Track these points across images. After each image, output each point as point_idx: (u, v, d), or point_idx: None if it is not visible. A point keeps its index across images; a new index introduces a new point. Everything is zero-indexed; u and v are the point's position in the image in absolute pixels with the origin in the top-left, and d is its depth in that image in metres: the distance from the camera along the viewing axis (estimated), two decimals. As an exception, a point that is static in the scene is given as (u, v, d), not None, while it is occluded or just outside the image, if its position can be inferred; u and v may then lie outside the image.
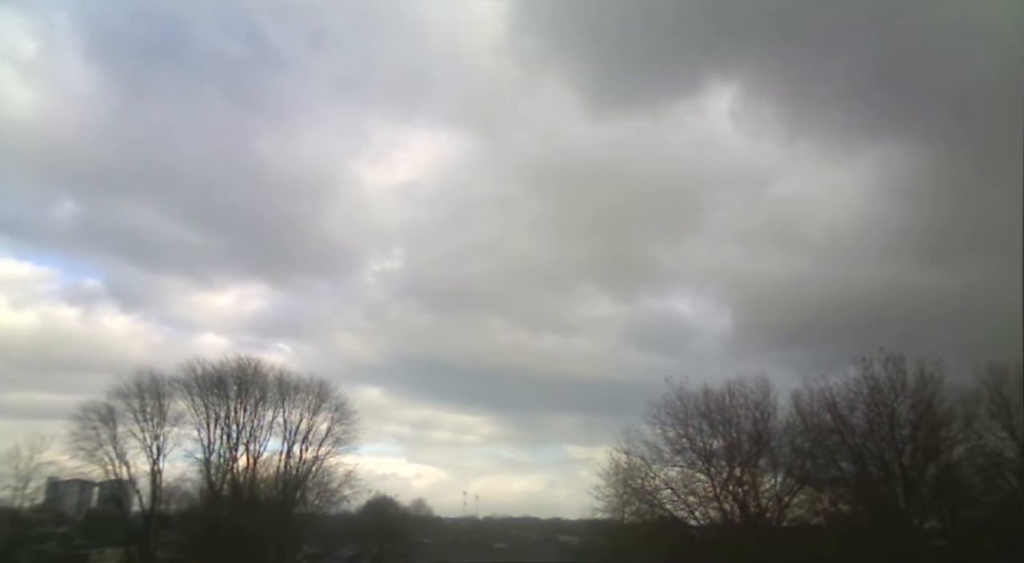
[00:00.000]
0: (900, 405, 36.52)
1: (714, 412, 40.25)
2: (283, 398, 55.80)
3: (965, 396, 36.09)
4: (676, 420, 40.43)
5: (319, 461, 56.16)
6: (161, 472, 52.40)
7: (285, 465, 55.47)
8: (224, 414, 54.11)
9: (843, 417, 37.84)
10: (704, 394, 40.66)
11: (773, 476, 39.97)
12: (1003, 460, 35.81)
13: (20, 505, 54.56)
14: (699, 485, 40.30)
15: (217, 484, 53.98)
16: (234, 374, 55.09)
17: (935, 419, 36.23)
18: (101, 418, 51.11)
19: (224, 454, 53.94)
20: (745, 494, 39.28)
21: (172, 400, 53.05)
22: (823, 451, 38.46)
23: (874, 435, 36.97)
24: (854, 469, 37.86)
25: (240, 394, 54.74)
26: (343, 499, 58.29)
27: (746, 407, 39.93)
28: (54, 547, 61.29)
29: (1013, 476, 35.81)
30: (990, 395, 35.71)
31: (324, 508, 58.60)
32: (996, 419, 35.56)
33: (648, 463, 41.24)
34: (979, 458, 36.32)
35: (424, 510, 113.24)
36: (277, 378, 56.33)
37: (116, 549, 55.70)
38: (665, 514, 41.25)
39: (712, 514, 40.25)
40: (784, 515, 39.21)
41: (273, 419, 55.38)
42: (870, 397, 37.01)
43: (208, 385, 54.24)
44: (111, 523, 57.54)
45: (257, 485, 55.19)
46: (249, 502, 53.64)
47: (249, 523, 50.81)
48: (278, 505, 54.72)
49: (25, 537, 56.75)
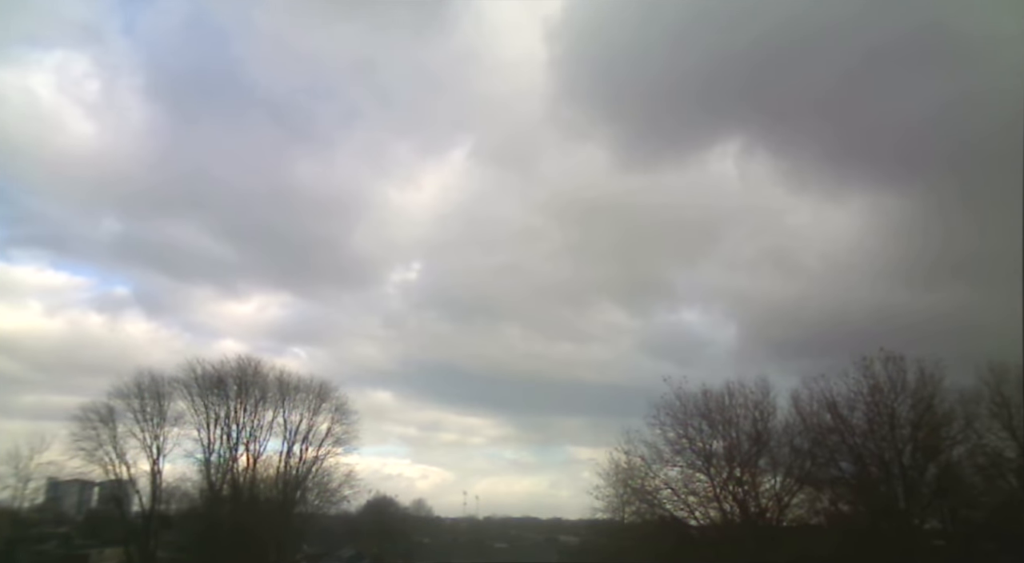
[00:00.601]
0: (900, 405, 36.46)
1: (714, 412, 40.16)
2: (283, 398, 55.90)
3: (965, 396, 36.05)
4: (676, 420, 40.34)
5: (319, 461, 56.26)
6: (161, 472, 52.55)
7: (285, 465, 55.54)
8: (224, 414, 54.17)
9: (843, 417, 37.78)
10: (704, 394, 40.55)
11: (773, 476, 39.96)
12: (1003, 460, 35.76)
13: (20, 505, 54.61)
14: (699, 485, 40.25)
15: (217, 484, 53.99)
16: (234, 374, 55.15)
17: (935, 419, 36.17)
18: (101, 418, 51.18)
19: (224, 454, 54.05)
20: (745, 494, 39.25)
21: (172, 400, 53.16)
22: (823, 451, 38.41)
23: (874, 435, 36.92)
24: (854, 469, 37.81)
25: (240, 394, 54.77)
26: (343, 499, 58.45)
27: (746, 407, 39.87)
28: (54, 547, 61.25)
29: (1013, 476, 35.78)
30: (990, 395, 35.67)
31: (324, 508, 58.74)
32: (996, 419, 35.52)
33: (648, 463, 41.22)
34: (979, 458, 36.27)
35: (424, 510, 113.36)
36: (277, 378, 56.47)
37: (116, 549, 55.66)
38: (665, 514, 41.20)
39: (712, 514, 40.23)
40: (784, 515, 39.17)
41: (273, 419, 55.54)
42: (870, 397, 36.95)
43: (208, 385, 54.29)
44: (111, 523, 57.52)
45: (257, 485, 55.20)
46: (249, 502, 53.65)
47: (249, 523, 50.83)
48: (278, 505, 54.74)
49: (25, 537, 56.74)
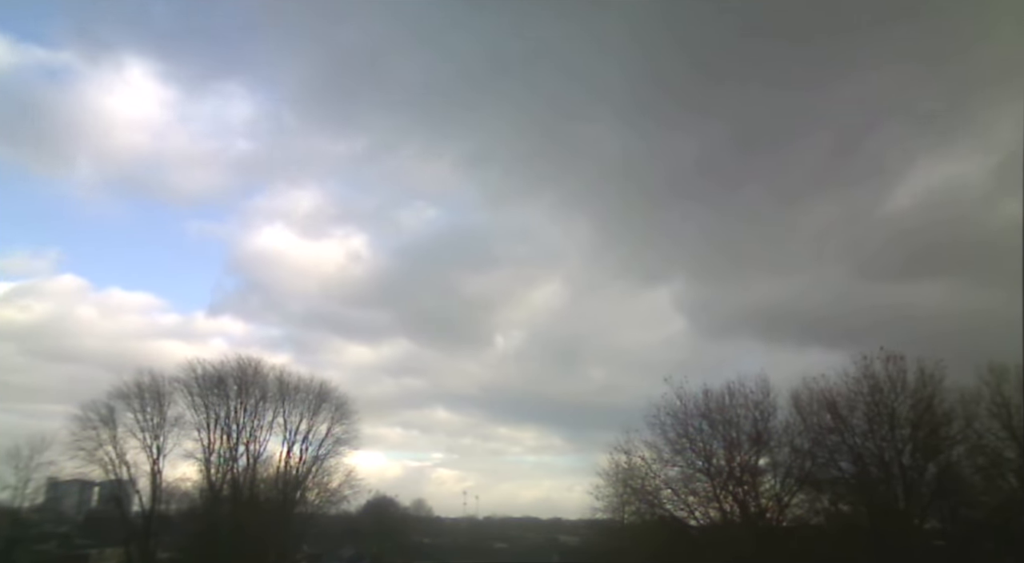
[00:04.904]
0: (900, 405, 36.32)
1: (714, 412, 40.06)
2: (283, 398, 55.87)
3: (965, 396, 35.88)
4: (676, 420, 40.25)
5: (319, 461, 56.29)
6: (161, 472, 52.54)
7: (285, 465, 55.55)
8: (224, 414, 54.11)
9: (843, 417, 37.66)
10: (704, 394, 40.35)
11: (773, 476, 39.91)
12: (1003, 460, 35.65)
13: (20, 505, 54.66)
14: (699, 485, 40.18)
15: (217, 484, 53.97)
16: (234, 374, 55.10)
17: (935, 419, 36.07)
18: (101, 418, 51.23)
19: (224, 454, 53.97)
20: (745, 494, 39.21)
21: (172, 400, 53.16)
22: (823, 451, 38.34)
23: (874, 435, 36.84)
24: (854, 469, 37.72)
25: (240, 394, 54.72)
26: (343, 499, 58.48)
27: (746, 407, 39.70)
28: (54, 547, 61.40)
29: (1013, 476, 35.70)
30: (990, 395, 35.56)
31: (324, 508, 58.73)
32: (996, 419, 35.38)
33: (648, 463, 41.17)
34: (979, 458, 36.16)
35: (424, 510, 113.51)
36: (277, 378, 56.43)
37: (116, 549, 55.78)
38: (665, 514, 41.18)
39: (712, 514, 40.17)
40: (784, 515, 39.12)
41: (273, 419, 55.51)
42: (870, 397, 36.84)
43: (208, 385, 54.26)
44: (111, 523, 57.47)
45: (257, 485, 55.19)
46: (249, 502, 53.62)
47: (249, 523, 50.82)
48: (278, 505, 54.74)
49: (25, 537, 56.79)
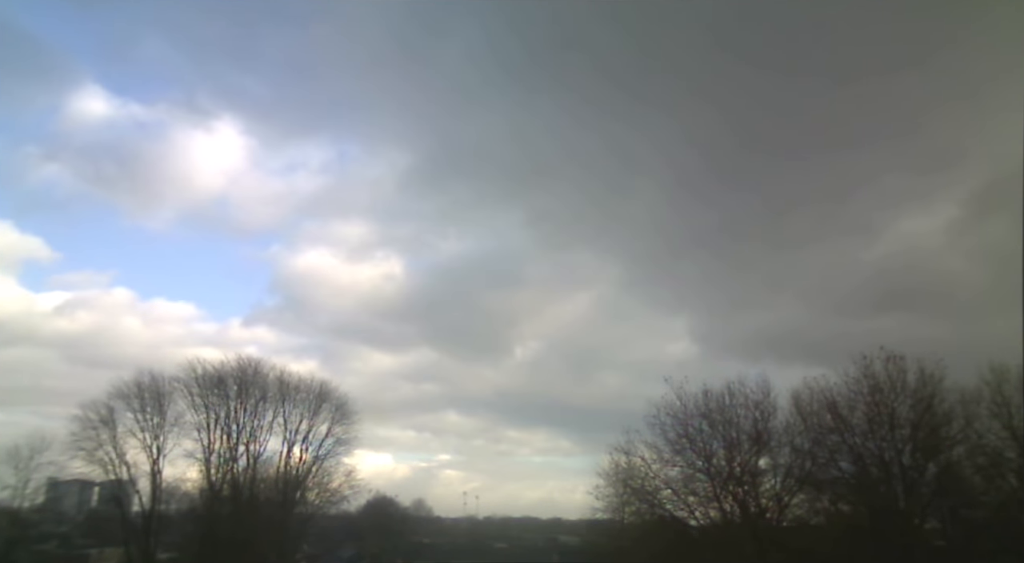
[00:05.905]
0: (900, 405, 36.34)
1: (714, 412, 40.06)
2: (283, 398, 55.90)
3: (965, 396, 35.91)
4: (676, 420, 40.28)
5: (319, 461, 56.30)
6: (161, 472, 52.49)
7: (285, 465, 55.55)
8: (224, 414, 54.11)
9: (843, 417, 37.68)
10: (704, 394, 40.37)
11: (773, 476, 39.94)
12: (1003, 460, 35.63)
13: (20, 505, 54.55)
14: (699, 485, 40.17)
15: (217, 484, 53.93)
16: (234, 374, 55.12)
17: (935, 419, 36.08)
18: (101, 418, 51.22)
19: (224, 454, 53.96)
20: (745, 494, 39.20)
21: (172, 400, 53.15)
22: (823, 451, 38.34)
23: (874, 435, 36.85)
24: (854, 469, 37.73)
25: (240, 394, 54.73)
26: (343, 499, 58.48)
27: (746, 407, 39.74)
28: (54, 547, 61.40)
29: (1013, 476, 35.67)
30: (990, 395, 35.60)
31: (324, 508, 58.72)
32: (996, 419, 35.40)
33: (648, 463, 41.18)
34: (979, 458, 36.16)
35: (424, 510, 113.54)
36: (277, 378, 56.44)
37: (116, 549, 55.74)
38: (665, 514, 41.18)
39: (712, 514, 40.18)
40: (784, 515, 39.13)
41: (273, 419, 55.51)
42: (870, 397, 36.86)
43: (208, 385, 54.26)
44: (111, 523, 57.48)
45: (257, 485, 55.17)
46: (249, 502, 53.63)
47: (249, 523, 50.85)
48: (278, 505, 54.74)
49: (25, 537, 56.69)
